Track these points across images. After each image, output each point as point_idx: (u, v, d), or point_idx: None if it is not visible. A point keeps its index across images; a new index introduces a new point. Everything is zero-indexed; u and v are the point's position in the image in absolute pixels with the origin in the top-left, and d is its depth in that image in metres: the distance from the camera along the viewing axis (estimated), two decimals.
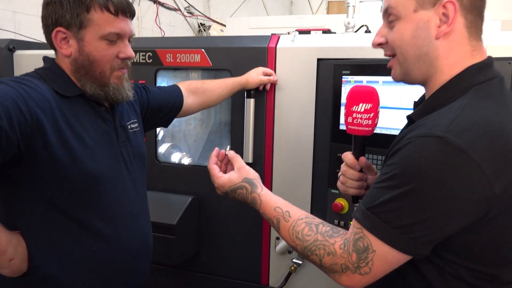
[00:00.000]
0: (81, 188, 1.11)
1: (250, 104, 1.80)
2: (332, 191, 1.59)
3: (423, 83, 0.81)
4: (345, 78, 1.54)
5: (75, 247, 1.08)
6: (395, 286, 0.79)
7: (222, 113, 2.16)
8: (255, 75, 1.72)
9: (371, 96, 0.96)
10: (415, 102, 0.91)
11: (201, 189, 1.85)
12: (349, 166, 1.00)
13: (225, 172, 1.10)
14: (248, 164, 1.62)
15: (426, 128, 0.69)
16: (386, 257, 0.72)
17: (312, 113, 1.72)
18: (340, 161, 1.09)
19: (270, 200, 0.98)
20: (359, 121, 0.96)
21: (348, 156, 1.00)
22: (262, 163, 1.79)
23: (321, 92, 1.69)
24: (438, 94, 0.75)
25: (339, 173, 1.03)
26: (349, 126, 0.99)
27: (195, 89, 1.64)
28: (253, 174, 1.04)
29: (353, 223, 0.82)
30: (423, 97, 0.87)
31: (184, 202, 1.83)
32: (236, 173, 1.04)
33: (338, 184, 1.03)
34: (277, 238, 1.82)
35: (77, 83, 1.18)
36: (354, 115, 0.97)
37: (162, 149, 2.12)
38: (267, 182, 1.83)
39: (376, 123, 0.98)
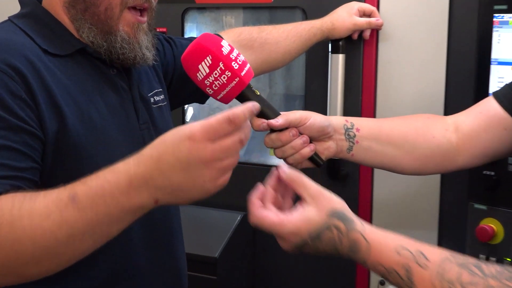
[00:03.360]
0: None
1: (337, 62, 1.81)
2: (476, 206, 1.61)
3: None
4: (498, 18, 1.54)
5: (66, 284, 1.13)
6: None
7: (287, 79, 2.19)
8: (346, 16, 1.73)
9: (199, 48, 1.13)
10: None
11: None
12: (263, 132, 1.22)
13: (278, 206, 1.07)
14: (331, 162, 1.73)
15: None
16: None
17: (441, 77, 1.75)
18: None
19: (385, 240, 0.98)
20: (221, 82, 1.15)
21: (253, 123, 1.20)
22: (357, 174, 1.87)
23: (457, 42, 1.71)
24: None
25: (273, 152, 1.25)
26: (218, 97, 1.18)
27: (248, 40, 1.66)
28: (339, 202, 1.05)
29: None
30: None
31: (230, 223, 1.87)
32: (312, 205, 1.01)
33: (288, 161, 1.24)
34: (382, 283, 1.88)
35: (75, 33, 1.22)
36: (207, 82, 1.15)
37: None
38: (365, 190, 1.90)
39: (242, 64, 1.15)
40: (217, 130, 0.91)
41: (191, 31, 2.11)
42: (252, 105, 0.94)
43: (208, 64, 1.14)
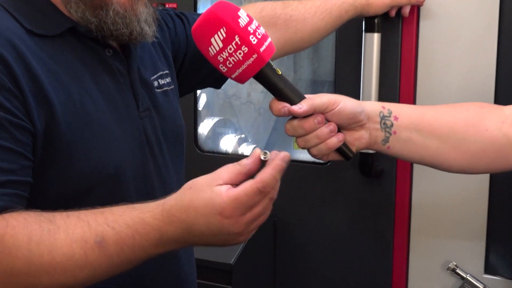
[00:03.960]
0: (76, 197, 1.14)
1: (372, 43, 1.80)
2: None
3: None
4: None
5: None
6: None
7: (314, 62, 2.19)
8: None
9: (213, 19, 1.07)
10: None
11: (278, 200, 1.92)
12: (287, 117, 1.20)
13: None
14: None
15: None
16: None
17: (491, 60, 1.73)
18: None
19: None
20: (237, 58, 1.09)
21: (273, 107, 1.18)
22: (394, 171, 1.91)
23: (510, 20, 1.70)
24: None
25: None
26: (233, 76, 1.13)
27: (271, 17, 1.64)
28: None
29: None
30: None
31: None
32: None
33: (312, 152, 1.22)
34: None
35: (64, 10, 1.18)
36: (220, 58, 1.09)
37: (204, 128, 2.22)
38: (402, 189, 1.92)
39: (261, 38, 1.10)
40: (247, 204, 0.98)
41: (205, 6, 2.10)
42: (281, 161, 1.00)
43: (222, 38, 1.07)
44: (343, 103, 1.21)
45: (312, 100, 1.18)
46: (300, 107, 1.17)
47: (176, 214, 1.01)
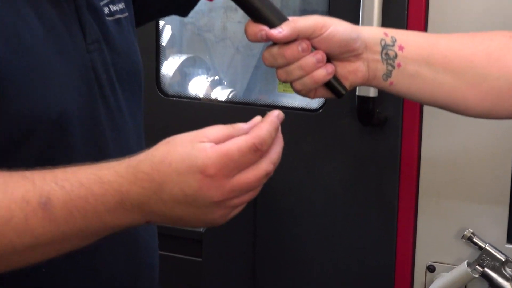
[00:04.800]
0: (7, 147, 1.12)
1: None
2: None
3: None
4: None
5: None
6: None
7: None
8: None
9: None
10: None
11: None
12: (266, 43, 1.18)
13: None
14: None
15: None
16: None
17: None
18: None
19: None
20: None
21: (248, 30, 1.16)
22: (400, 118, 1.90)
23: None
24: None
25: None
26: None
27: None
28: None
29: None
30: None
31: None
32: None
33: (295, 87, 1.21)
34: (430, 270, 1.95)
35: None
36: None
37: (169, 67, 2.20)
38: (409, 141, 1.92)
39: None
40: (238, 163, 0.94)
41: None
42: (276, 118, 0.98)
43: None
44: (334, 27, 1.17)
45: (295, 23, 1.14)
46: (280, 31, 1.13)
47: (144, 169, 0.96)
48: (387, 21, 1.82)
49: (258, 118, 1.02)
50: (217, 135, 0.99)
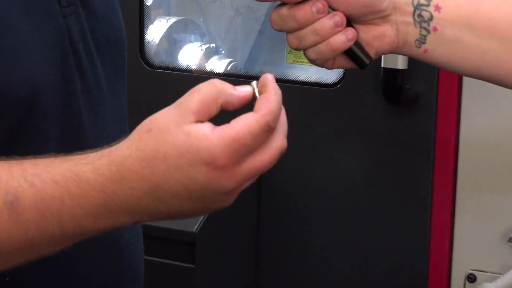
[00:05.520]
0: None
1: None
2: None
3: None
4: None
5: None
6: None
7: None
8: None
9: None
10: None
11: None
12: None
13: None
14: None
15: None
16: None
17: None
18: None
19: None
20: None
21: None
22: (434, 95, 1.90)
23: None
24: None
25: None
26: None
27: None
28: None
29: None
30: None
31: None
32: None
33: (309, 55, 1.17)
34: (470, 280, 1.95)
35: None
36: None
37: (155, 33, 2.23)
38: (445, 123, 1.91)
39: None
40: (250, 148, 0.92)
41: None
42: (274, 82, 0.97)
43: None
44: None
45: None
46: None
47: (132, 168, 0.92)
48: None
49: (247, 87, 0.96)
50: (203, 106, 0.93)
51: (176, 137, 0.91)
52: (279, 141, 0.95)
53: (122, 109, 1.33)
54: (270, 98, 0.94)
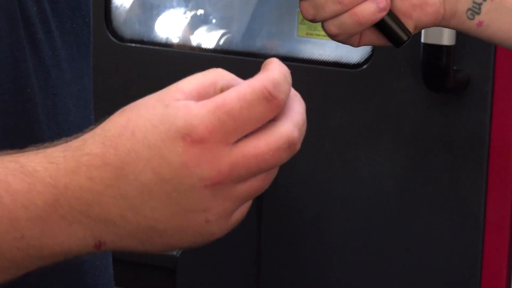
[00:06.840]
0: None
1: None
2: None
3: None
4: None
5: None
6: None
7: None
8: None
9: None
10: None
11: None
12: None
13: None
14: None
15: None
16: None
17: None
18: None
19: None
20: None
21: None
22: (489, 81, 1.96)
23: None
24: None
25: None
26: None
27: None
28: None
29: None
30: None
31: None
32: None
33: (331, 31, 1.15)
34: None
35: None
36: None
37: None
38: (502, 112, 1.96)
39: None
40: (241, 121, 0.81)
41: None
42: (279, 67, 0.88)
43: None
44: None
45: None
46: None
47: (92, 150, 0.85)
48: None
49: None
50: (198, 88, 0.82)
51: (152, 109, 0.85)
52: (286, 127, 0.83)
53: (87, 93, 1.24)
54: (271, 67, 0.82)
